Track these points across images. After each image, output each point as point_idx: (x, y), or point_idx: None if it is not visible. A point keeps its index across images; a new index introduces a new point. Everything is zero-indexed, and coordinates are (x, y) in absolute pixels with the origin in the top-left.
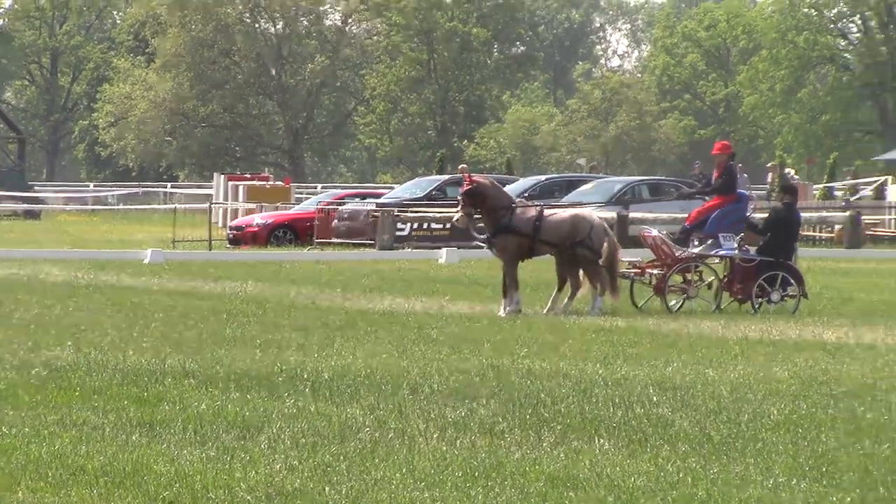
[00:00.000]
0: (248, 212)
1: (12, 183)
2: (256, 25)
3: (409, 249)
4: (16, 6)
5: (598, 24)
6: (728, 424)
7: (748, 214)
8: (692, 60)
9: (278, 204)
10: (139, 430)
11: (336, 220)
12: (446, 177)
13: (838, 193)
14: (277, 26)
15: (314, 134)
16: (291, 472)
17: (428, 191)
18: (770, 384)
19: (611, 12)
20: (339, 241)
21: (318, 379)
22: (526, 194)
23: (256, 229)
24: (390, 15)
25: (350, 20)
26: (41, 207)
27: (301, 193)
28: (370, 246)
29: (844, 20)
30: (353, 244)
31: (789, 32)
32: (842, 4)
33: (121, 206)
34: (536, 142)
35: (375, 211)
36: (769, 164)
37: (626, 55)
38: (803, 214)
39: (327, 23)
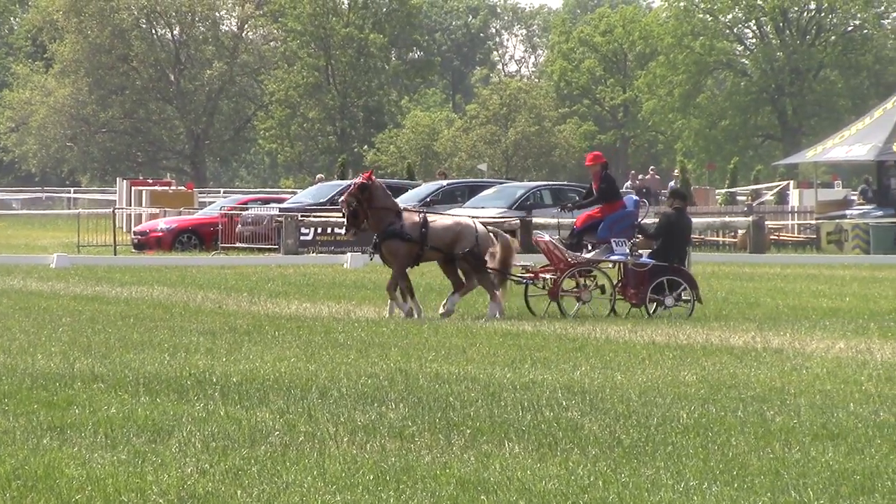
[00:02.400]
0: (152, 217)
1: None
2: (153, 31)
3: (314, 254)
4: None
5: (494, 30)
6: (638, 428)
7: (640, 220)
8: (589, 66)
9: (181, 209)
10: (50, 434)
11: (240, 225)
12: (348, 182)
13: (741, 198)
14: (174, 31)
15: (215, 139)
16: (203, 475)
17: (330, 196)
18: (679, 388)
19: (506, 17)
20: (244, 245)
21: (227, 383)
22: (429, 199)
23: (161, 234)
24: (286, 21)
25: (246, 26)
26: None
27: (204, 198)
28: (275, 251)
29: (740, 25)
30: (258, 249)
31: (685, 38)
32: (737, 10)
33: (24, 211)
34: (437, 147)
35: (279, 216)
36: (675, 172)
37: (523, 60)
38: (706, 219)
39: (224, 28)
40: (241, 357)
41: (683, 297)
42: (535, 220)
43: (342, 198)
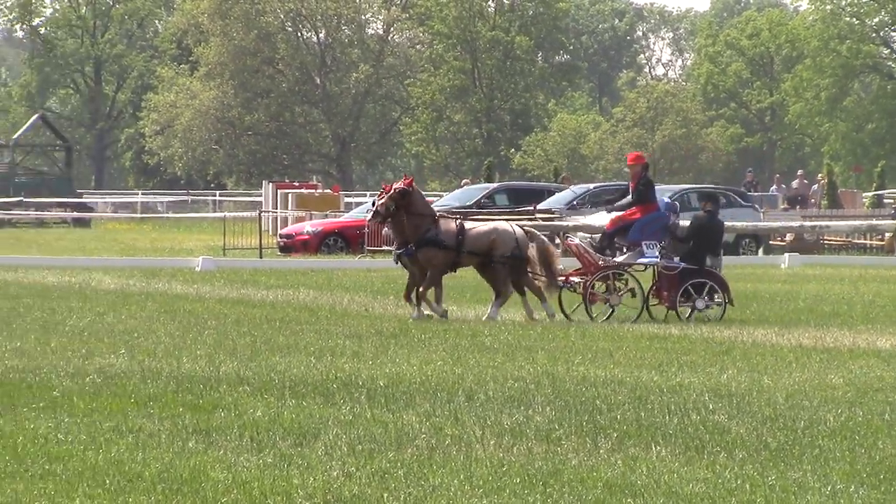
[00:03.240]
0: (298, 220)
1: (61, 190)
2: (299, 34)
3: None
4: (57, 15)
5: (640, 33)
6: (784, 431)
7: (671, 223)
8: (736, 69)
9: (328, 212)
10: (195, 437)
11: (387, 228)
12: (495, 185)
13: (888, 201)
14: (320, 35)
15: (361, 142)
16: (349, 478)
17: (477, 199)
18: (826, 391)
19: (653, 20)
20: (390, 248)
21: (373, 386)
22: (575, 202)
23: (307, 237)
24: (432, 24)
25: (392, 29)
26: (91, 215)
27: (350, 201)
28: None
29: (886, 29)
30: None
31: (832, 41)
32: (883, 14)
33: (170, 214)
34: (583, 150)
35: None
36: (819, 176)
37: (669, 64)
38: (853, 222)
39: (369, 32)
40: (388, 360)
41: (716, 300)
42: (681, 223)
43: (381, 201)
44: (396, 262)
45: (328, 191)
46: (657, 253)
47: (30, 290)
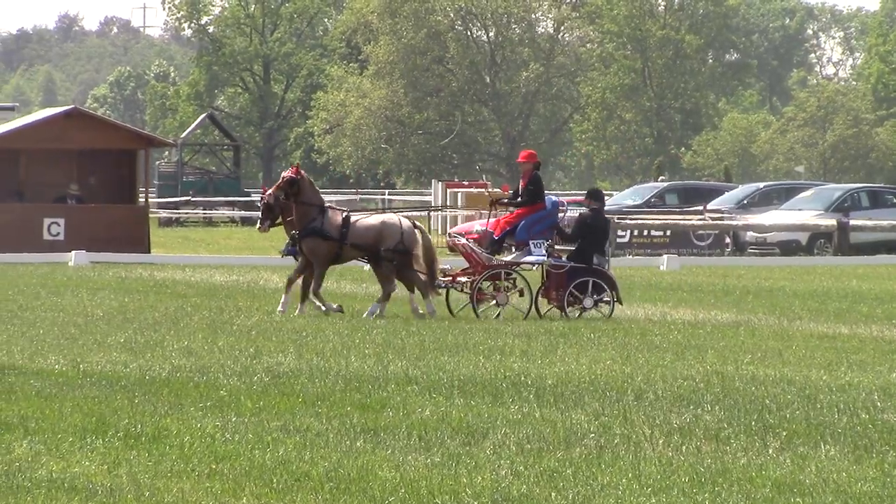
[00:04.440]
0: (467, 218)
1: (229, 190)
2: (468, 33)
3: (630, 256)
4: (225, 13)
5: (811, 32)
6: None
7: (558, 221)
8: None
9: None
10: (363, 437)
11: None
12: (665, 184)
13: None
14: (490, 33)
15: (531, 141)
16: (517, 477)
17: (647, 198)
18: None
19: (824, 19)
20: (560, 247)
21: (542, 385)
22: (745, 201)
23: (477, 236)
24: (602, 23)
25: (562, 28)
26: (258, 214)
27: None
28: None
29: None
30: None
31: None
32: None
33: None
34: (753, 149)
35: None
36: None
37: (840, 63)
38: None
39: (539, 30)
40: (557, 359)
41: (604, 299)
42: (852, 222)
43: (269, 191)
44: (282, 256)
45: (497, 190)
46: (544, 251)
47: (197, 289)
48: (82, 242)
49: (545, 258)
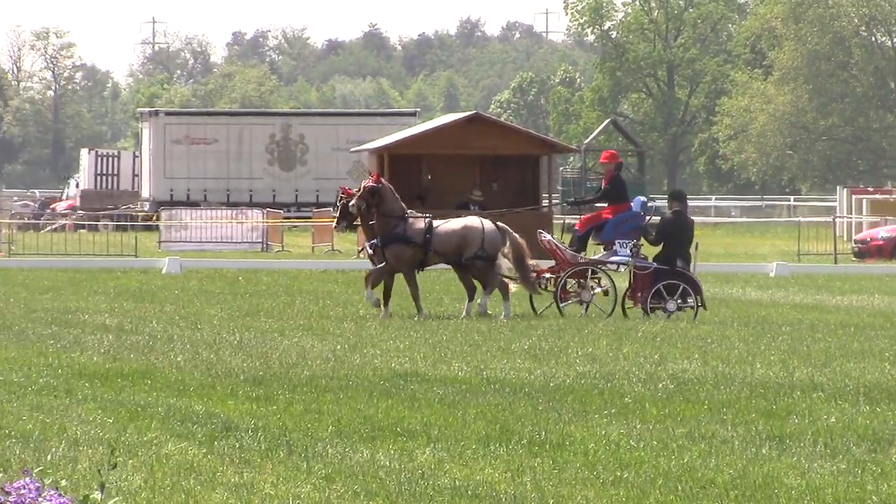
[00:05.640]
0: (872, 225)
1: (633, 196)
2: (873, 38)
3: None
4: (628, 18)
5: None
6: None
7: (646, 222)
8: None
9: None
10: (768, 443)
11: None
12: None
13: None
14: (894, 39)
15: None
16: None
17: None
18: None
19: None
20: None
21: None
22: None
23: (881, 243)
24: None
25: None
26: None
27: None
28: None
29: None
30: None
31: None
32: None
33: (743, 219)
34: None
35: None
36: None
37: None
38: None
39: None
40: None
41: (688, 303)
42: None
43: (353, 201)
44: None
45: None
46: (628, 252)
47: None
48: None
49: (629, 259)
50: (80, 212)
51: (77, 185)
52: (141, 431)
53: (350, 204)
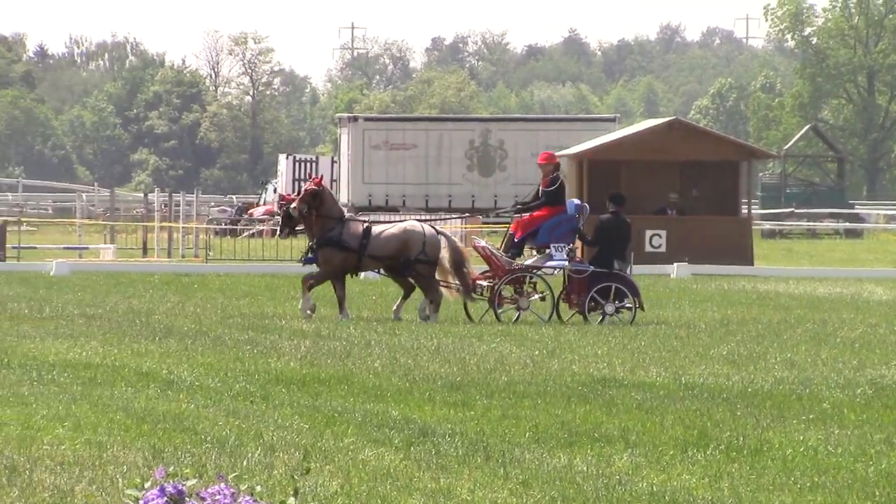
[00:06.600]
0: None
1: (833, 201)
2: None
3: None
4: (829, 24)
5: None
6: None
7: (580, 225)
8: None
9: None
10: None
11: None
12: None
13: None
14: None
15: None
16: None
17: None
18: None
19: None
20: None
21: None
22: None
23: None
24: None
25: None
26: (863, 226)
27: None
28: None
29: None
30: None
31: None
32: None
33: None
34: None
35: None
36: None
37: None
38: None
39: None
40: None
41: (625, 305)
42: None
43: (293, 204)
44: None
45: None
46: (565, 256)
47: (800, 301)
48: (684, 254)
49: (566, 263)
50: (278, 217)
51: (275, 191)
52: (337, 437)
53: (291, 207)
